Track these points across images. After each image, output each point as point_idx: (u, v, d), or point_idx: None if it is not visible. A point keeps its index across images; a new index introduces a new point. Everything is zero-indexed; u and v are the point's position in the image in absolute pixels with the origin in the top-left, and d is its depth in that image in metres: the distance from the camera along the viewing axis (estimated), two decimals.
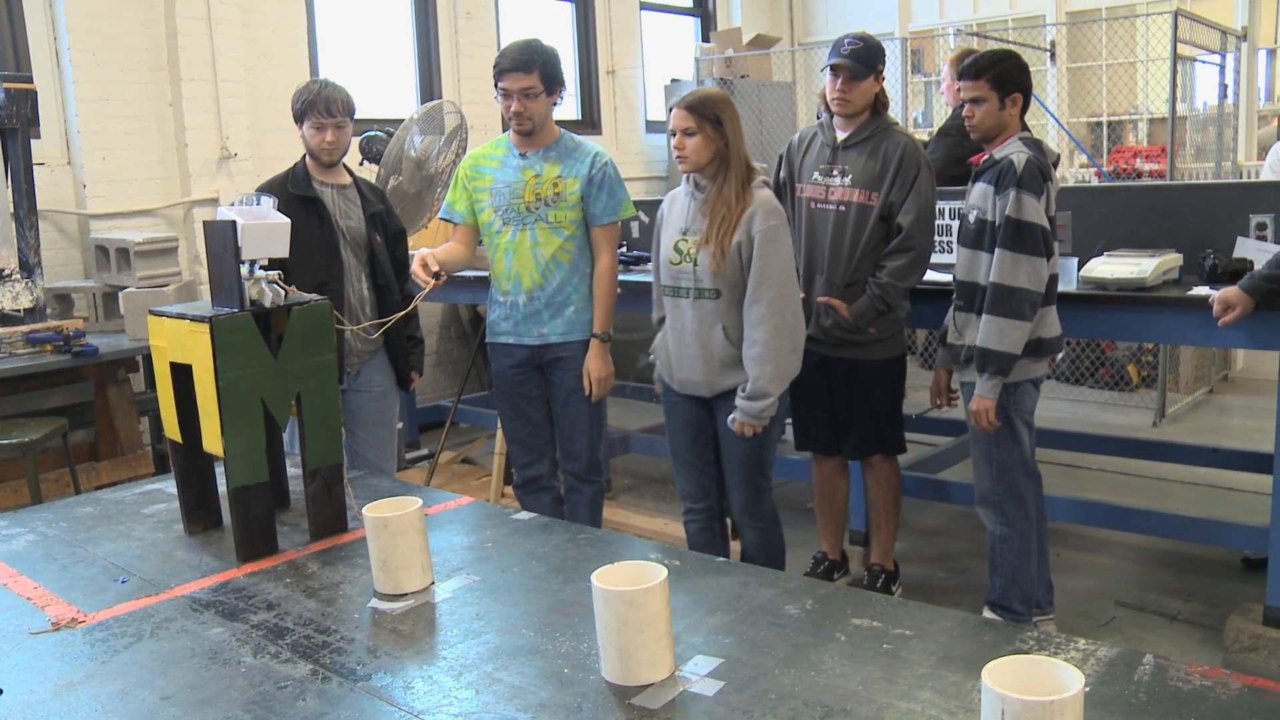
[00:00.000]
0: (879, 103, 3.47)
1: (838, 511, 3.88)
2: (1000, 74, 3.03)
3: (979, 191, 3.10)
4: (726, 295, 2.92)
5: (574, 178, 3.31)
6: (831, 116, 3.51)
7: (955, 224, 3.58)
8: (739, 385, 2.94)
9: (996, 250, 2.98)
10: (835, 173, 3.48)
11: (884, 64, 3.47)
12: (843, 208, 3.46)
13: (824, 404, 3.62)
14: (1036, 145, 3.08)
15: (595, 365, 3.34)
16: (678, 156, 2.92)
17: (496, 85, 3.27)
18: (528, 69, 3.20)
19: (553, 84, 3.27)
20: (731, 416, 2.95)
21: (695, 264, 2.93)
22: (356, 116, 3.46)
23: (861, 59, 3.37)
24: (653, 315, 3.25)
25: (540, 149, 3.35)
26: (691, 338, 2.99)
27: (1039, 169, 2.99)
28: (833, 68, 3.40)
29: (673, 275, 3.02)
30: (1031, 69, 3.28)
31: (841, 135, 3.49)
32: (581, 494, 3.51)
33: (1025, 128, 3.15)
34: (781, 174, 3.66)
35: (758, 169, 2.96)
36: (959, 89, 3.29)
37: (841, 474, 3.82)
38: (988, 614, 3.25)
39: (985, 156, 3.12)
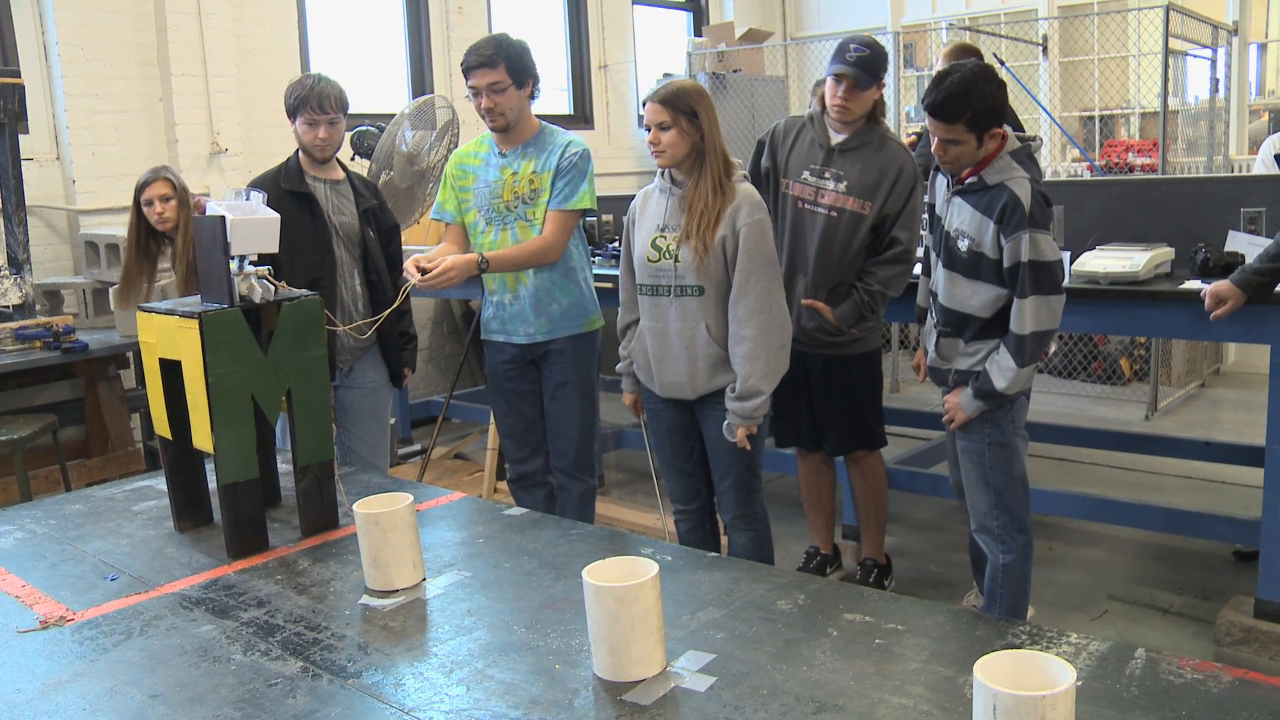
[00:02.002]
0: (876, 108, 3.45)
1: (825, 506, 3.88)
2: (978, 116, 2.67)
3: (970, 218, 2.81)
4: (710, 292, 2.84)
5: (547, 171, 3.21)
6: (823, 112, 3.49)
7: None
8: (725, 388, 2.88)
9: (1017, 301, 2.74)
10: (828, 176, 3.45)
11: (886, 70, 3.43)
12: (835, 213, 3.44)
13: (802, 400, 3.62)
14: (1029, 157, 2.84)
15: (455, 261, 2.97)
16: (654, 152, 2.84)
17: (467, 84, 3.18)
18: (493, 64, 3.10)
19: (522, 76, 3.16)
20: (726, 424, 2.88)
21: (676, 260, 2.85)
22: (350, 112, 3.44)
23: (867, 68, 3.32)
24: (619, 319, 3.15)
25: (519, 145, 3.26)
26: (675, 337, 2.91)
27: (1044, 197, 2.74)
28: (837, 76, 3.35)
29: (652, 274, 2.92)
30: (1023, 63, 3.24)
31: (837, 138, 3.45)
32: (569, 493, 3.48)
33: (1014, 119, 3.03)
34: (764, 163, 3.61)
35: (735, 162, 2.90)
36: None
37: (827, 468, 3.82)
38: None
39: (971, 178, 2.82)
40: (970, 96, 2.67)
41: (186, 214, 3.88)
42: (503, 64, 3.11)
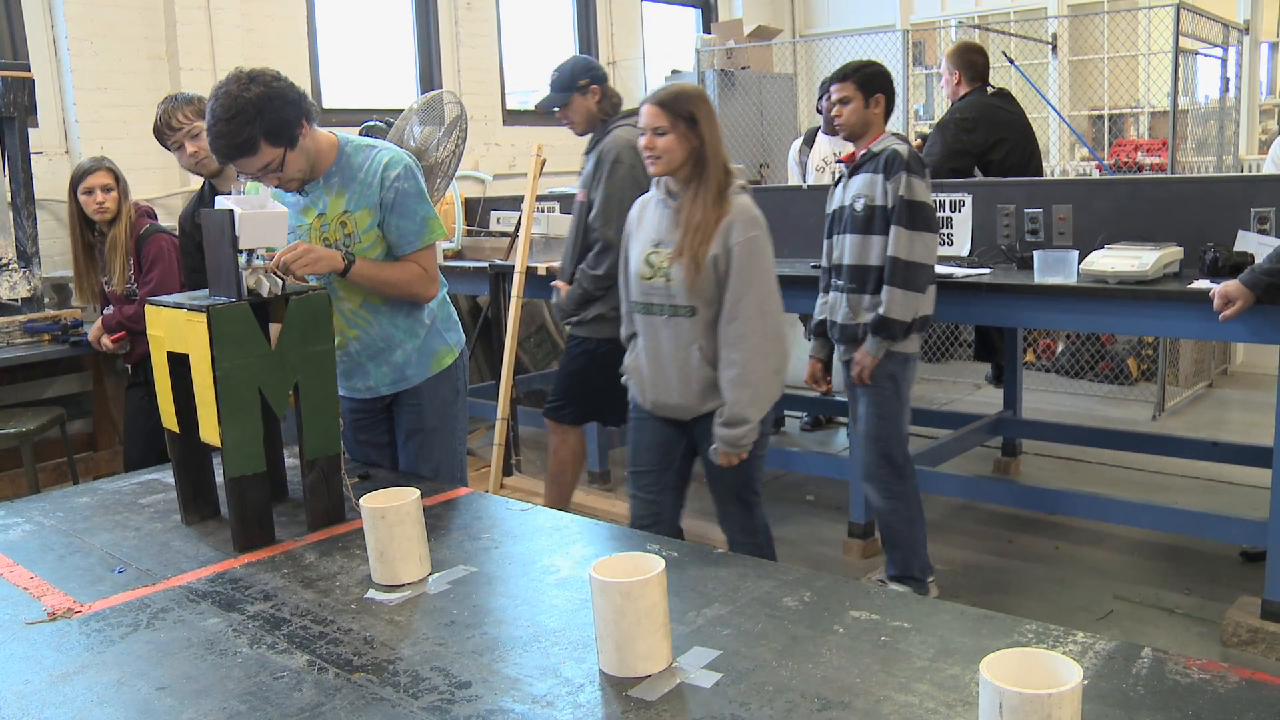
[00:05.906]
0: (605, 107, 3.81)
1: (570, 480, 4.13)
2: (864, 78, 3.36)
3: (863, 181, 3.34)
4: (702, 313, 2.68)
5: (363, 209, 2.56)
6: None
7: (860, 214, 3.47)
8: (718, 410, 2.74)
9: (893, 228, 3.24)
10: (580, 175, 3.90)
11: (589, 77, 3.76)
12: (577, 205, 3.87)
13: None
14: (907, 141, 3.38)
15: (308, 249, 2.40)
16: (649, 158, 2.66)
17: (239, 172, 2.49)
18: (252, 147, 2.35)
19: (290, 135, 2.40)
20: (713, 447, 2.75)
21: (668, 279, 2.69)
22: (358, 107, 3.44)
23: (555, 87, 3.77)
24: (623, 331, 3.00)
25: (319, 177, 2.58)
26: (668, 359, 2.75)
27: (919, 158, 3.33)
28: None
29: (644, 291, 2.76)
30: (1033, 62, 3.32)
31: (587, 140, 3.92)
32: None
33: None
34: None
35: (735, 171, 2.72)
36: (955, 80, 3.48)
37: (576, 440, 4.07)
38: (893, 588, 3.42)
39: (862, 151, 3.37)
40: (859, 64, 3.41)
41: (128, 205, 3.93)
42: (261, 141, 2.35)
